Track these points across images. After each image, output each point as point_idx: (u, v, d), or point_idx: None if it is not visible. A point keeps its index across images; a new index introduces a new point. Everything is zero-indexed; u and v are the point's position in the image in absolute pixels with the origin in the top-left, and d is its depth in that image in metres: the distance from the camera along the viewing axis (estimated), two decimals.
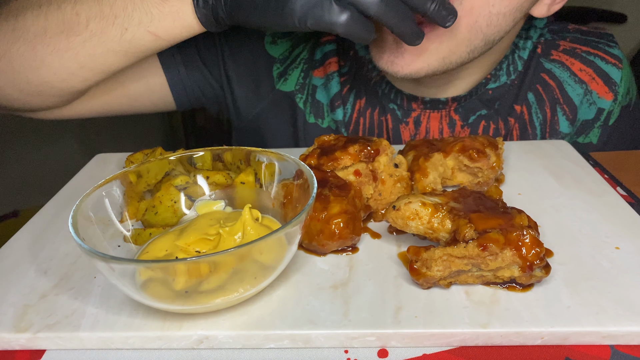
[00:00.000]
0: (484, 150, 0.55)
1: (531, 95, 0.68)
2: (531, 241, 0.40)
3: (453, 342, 0.39)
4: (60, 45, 0.57)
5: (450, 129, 0.69)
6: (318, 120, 0.73)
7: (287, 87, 0.74)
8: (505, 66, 0.69)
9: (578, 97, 0.68)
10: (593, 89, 0.68)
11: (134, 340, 0.40)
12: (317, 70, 0.73)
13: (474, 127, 0.69)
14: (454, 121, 0.68)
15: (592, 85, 0.68)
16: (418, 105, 0.69)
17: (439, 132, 0.69)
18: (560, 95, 0.68)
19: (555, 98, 0.68)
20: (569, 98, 0.68)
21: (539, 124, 0.68)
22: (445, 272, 0.41)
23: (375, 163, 0.53)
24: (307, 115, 0.73)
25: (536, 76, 0.69)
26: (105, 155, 0.72)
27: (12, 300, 0.43)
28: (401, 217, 0.46)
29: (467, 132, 0.69)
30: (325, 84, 0.73)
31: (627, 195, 0.57)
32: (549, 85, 0.68)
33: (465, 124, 0.69)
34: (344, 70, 0.72)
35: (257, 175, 0.51)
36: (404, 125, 0.70)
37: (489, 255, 0.40)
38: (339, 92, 0.71)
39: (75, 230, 0.39)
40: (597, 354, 0.38)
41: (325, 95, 0.73)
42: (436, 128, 0.69)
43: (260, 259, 0.39)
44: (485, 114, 0.68)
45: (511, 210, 0.44)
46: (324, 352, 0.39)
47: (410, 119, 0.69)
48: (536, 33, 0.71)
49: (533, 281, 0.42)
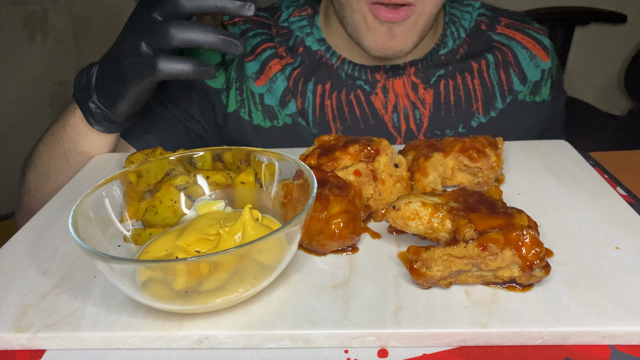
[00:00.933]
0: (484, 150, 0.55)
1: (486, 58, 0.80)
2: (531, 241, 0.40)
3: (453, 342, 0.39)
4: (45, 189, 0.72)
5: (414, 91, 0.78)
6: (274, 122, 0.79)
7: (230, 108, 0.80)
8: (449, 33, 0.81)
9: (525, 60, 0.81)
10: (536, 54, 0.81)
11: (134, 340, 0.40)
12: (258, 80, 0.79)
13: (436, 87, 0.78)
14: (416, 84, 0.78)
15: (535, 51, 0.81)
16: (381, 75, 0.78)
17: (405, 95, 0.78)
18: (512, 59, 0.80)
19: (508, 61, 0.80)
20: (519, 61, 0.80)
21: (496, 82, 0.79)
22: (445, 272, 0.41)
23: (375, 163, 0.53)
24: (261, 122, 0.79)
25: (487, 45, 0.81)
26: (105, 155, 0.72)
27: (12, 300, 0.43)
28: (401, 217, 0.46)
29: (432, 93, 0.78)
30: (270, 88, 0.79)
31: (627, 195, 0.57)
32: (501, 51, 0.80)
33: (427, 86, 0.78)
34: (294, 65, 0.79)
35: (257, 175, 0.51)
36: (374, 96, 0.78)
37: (489, 255, 0.40)
38: (287, 87, 0.78)
39: (75, 230, 0.39)
40: (597, 354, 0.38)
41: (272, 97, 0.79)
42: (402, 92, 0.78)
43: (260, 259, 0.39)
44: (443, 73, 0.79)
45: (511, 210, 0.44)
46: (324, 352, 0.39)
47: (378, 89, 0.78)
48: (474, 11, 0.84)
49: (533, 281, 0.41)
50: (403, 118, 0.78)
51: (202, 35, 0.59)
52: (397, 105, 0.78)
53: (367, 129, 0.78)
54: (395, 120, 0.78)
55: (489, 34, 0.82)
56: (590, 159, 0.66)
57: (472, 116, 0.78)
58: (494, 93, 0.79)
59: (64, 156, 0.71)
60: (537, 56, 0.81)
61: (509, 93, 0.80)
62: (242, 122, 0.80)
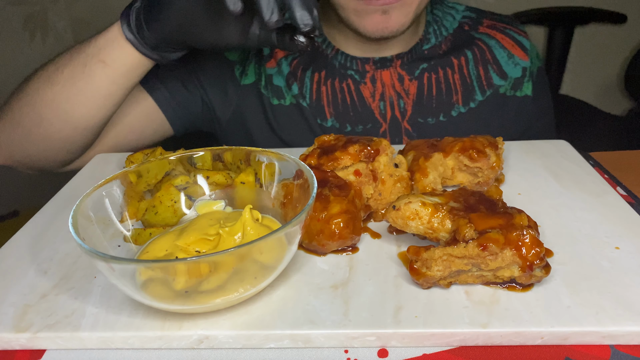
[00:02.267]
0: (484, 150, 0.55)
1: (466, 55, 0.86)
2: (531, 241, 0.40)
3: (453, 342, 0.39)
4: (47, 96, 0.68)
5: (400, 82, 0.84)
6: (281, 100, 0.85)
7: (249, 80, 0.86)
8: (432, 31, 0.88)
9: (503, 59, 0.86)
10: (514, 54, 0.87)
11: (134, 340, 0.40)
12: (269, 62, 0.86)
13: (420, 79, 0.84)
14: (402, 76, 0.84)
15: (513, 51, 0.87)
16: (370, 66, 0.84)
17: (391, 85, 0.84)
18: (490, 57, 0.86)
19: (486, 59, 0.86)
20: (497, 60, 0.86)
21: (475, 78, 0.85)
22: (445, 272, 0.41)
23: (375, 163, 0.53)
24: (271, 98, 0.85)
25: (468, 42, 0.87)
26: (105, 155, 0.72)
27: (12, 300, 0.43)
28: (401, 217, 0.46)
29: (416, 84, 0.84)
30: (278, 70, 0.85)
31: (627, 195, 0.57)
32: (480, 49, 0.86)
33: (412, 77, 0.84)
34: (294, 55, 0.86)
35: (257, 175, 0.51)
36: (363, 85, 0.84)
37: (489, 255, 0.40)
38: (290, 72, 0.85)
39: (76, 230, 0.39)
40: (597, 354, 0.38)
41: (280, 78, 0.85)
42: (389, 82, 0.84)
43: (261, 259, 0.39)
44: (426, 66, 0.85)
45: (511, 210, 0.44)
46: (324, 352, 0.39)
47: (367, 79, 0.84)
48: (458, 14, 0.91)
49: (533, 281, 0.42)
50: (389, 106, 0.84)
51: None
52: (384, 95, 0.84)
53: (355, 115, 0.83)
54: (381, 107, 0.84)
55: (472, 33, 0.88)
56: (590, 159, 0.66)
57: (452, 106, 0.84)
58: (473, 87, 0.85)
59: (83, 62, 0.67)
60: (515, 55, 0.86)
61: (488, 87, 0.85)
62: (260, 95, 0.85)
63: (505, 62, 0.86)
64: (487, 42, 0.87)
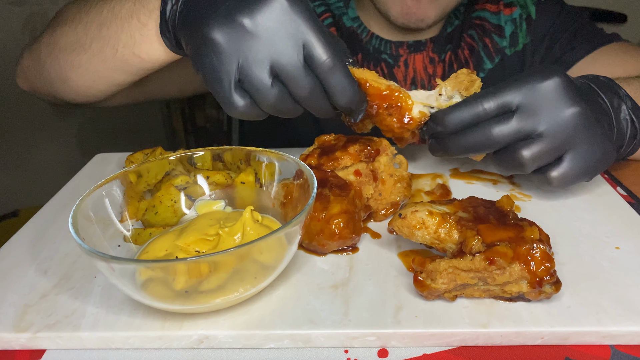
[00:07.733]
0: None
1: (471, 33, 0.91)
2: (541, 256, 0.38)
3: (453, 342, 0.39)
4: (74, 62, 0.65)
5: (431, 64, 0.89)
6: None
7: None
8: (452, 15, 0.93)
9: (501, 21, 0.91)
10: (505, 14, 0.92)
11: (134, 340, 0.40)
12: None
13: (445, 61, 0.89)
14: (433, 59, 0.89)
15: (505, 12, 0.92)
16: (404, 50, 0.89)
17: (423, 69, 0.88)
18: (491, 27, 0.92)
19: (487, 30, 0.92)
20: (496, 25, 0.91)
21: (482, 48, 0.90)
22: (450, 285, 0.40)
23: (375, 163, 0.53)
24: None
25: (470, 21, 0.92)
26: (105, 155, 0.72)
27: (12, 300, 0.43)
28: (407, 226, 0.44)
29: (442, 66, 0.89)
30: None
31: (627, 195, 0.57)
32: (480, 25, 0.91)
33: (440, 59, 0.90)
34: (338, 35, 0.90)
35: (257, 175, 0.51)
36: (396, 69, 0.89)
37: (496, 269, 0.39)
38: None
39: (75, 230, 0.39)
40: (597, 354, 0.38)
41: None
42: (421, 67, 0.89)
43: (260, 259, 0.39)
44: (451, 48, 0.90)
45: (522, 222, 0.42)
46: (324, 352, 0.39)
47: (401, 62, 0.89)
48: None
49: (542, 297, 0.40)
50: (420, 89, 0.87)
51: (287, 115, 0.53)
52: (415, 79, 0.89)
53: None
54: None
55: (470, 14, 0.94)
56: None
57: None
58: (481, 57, 0.90)
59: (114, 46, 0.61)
60: (502, 11, 0.92)
61: (496, 53, 0.90)
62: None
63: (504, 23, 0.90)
64: (483, 15, 0.92)
